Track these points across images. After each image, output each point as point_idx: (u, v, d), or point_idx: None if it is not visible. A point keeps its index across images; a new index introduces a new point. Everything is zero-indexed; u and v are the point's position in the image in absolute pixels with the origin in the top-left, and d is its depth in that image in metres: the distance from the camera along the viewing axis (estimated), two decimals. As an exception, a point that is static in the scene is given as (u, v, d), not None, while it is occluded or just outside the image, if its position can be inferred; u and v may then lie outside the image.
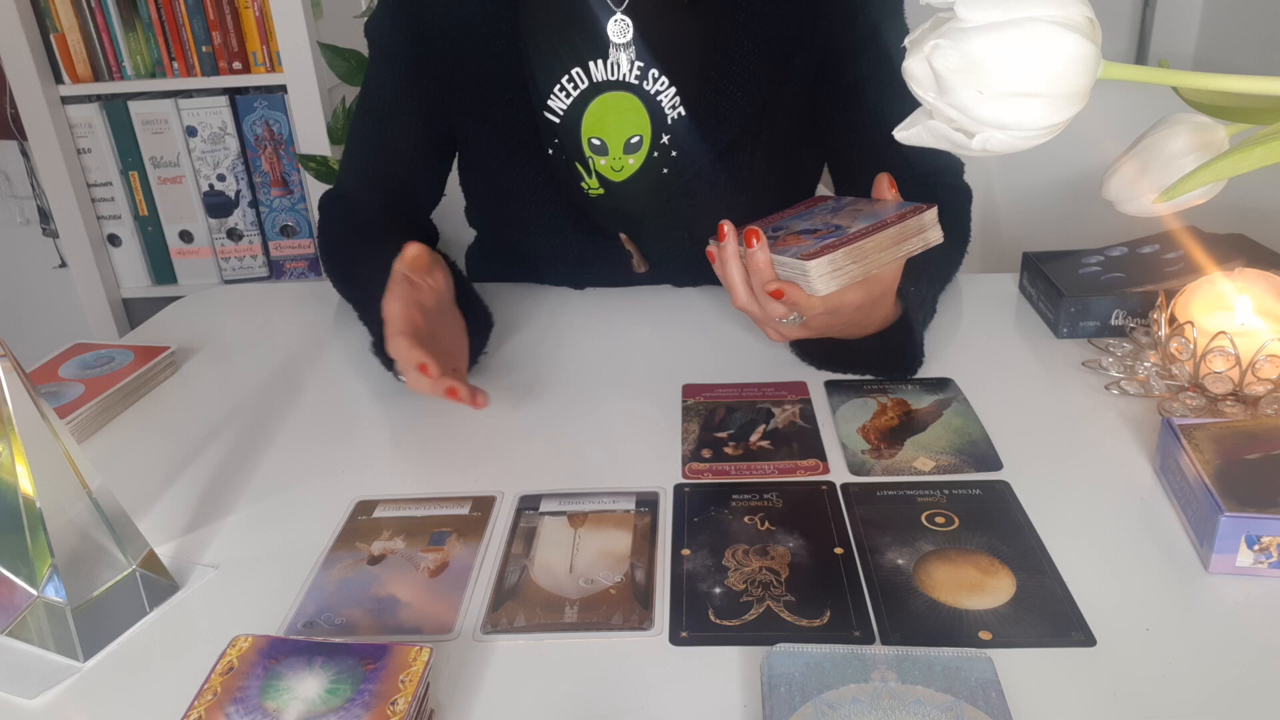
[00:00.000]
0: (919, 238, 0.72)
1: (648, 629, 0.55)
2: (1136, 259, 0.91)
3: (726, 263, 0.73)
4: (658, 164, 0.94)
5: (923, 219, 0.71)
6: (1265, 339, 0.70)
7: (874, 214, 0.73)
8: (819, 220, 0.76)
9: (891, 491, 0.66)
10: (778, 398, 0.78)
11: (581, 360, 0.87)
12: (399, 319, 0.72)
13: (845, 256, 0.69)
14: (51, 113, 1.76)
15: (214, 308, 1.07)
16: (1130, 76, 0.47)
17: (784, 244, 0.72)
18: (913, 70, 0.45)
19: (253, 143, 1.84)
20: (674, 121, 0.93)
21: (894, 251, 0.71)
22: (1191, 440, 0.61)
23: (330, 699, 0.46)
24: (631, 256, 1.01)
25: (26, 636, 0.56)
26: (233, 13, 1.73)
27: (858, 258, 0.69)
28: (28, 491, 0.53)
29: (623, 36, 0.91)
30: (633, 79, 0.92)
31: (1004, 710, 0.46)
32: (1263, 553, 0.55)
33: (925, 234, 0.72)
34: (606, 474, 0.70)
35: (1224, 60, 1.92)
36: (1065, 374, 0.81)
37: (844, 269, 0.69)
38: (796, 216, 0.78)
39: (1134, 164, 0.57)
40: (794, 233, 0.74)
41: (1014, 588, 0.56)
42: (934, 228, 0.72)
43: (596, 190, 0.96)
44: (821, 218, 0.76)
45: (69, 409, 0.78)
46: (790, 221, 0.77)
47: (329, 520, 0.66)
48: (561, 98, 0.93)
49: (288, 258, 1.94)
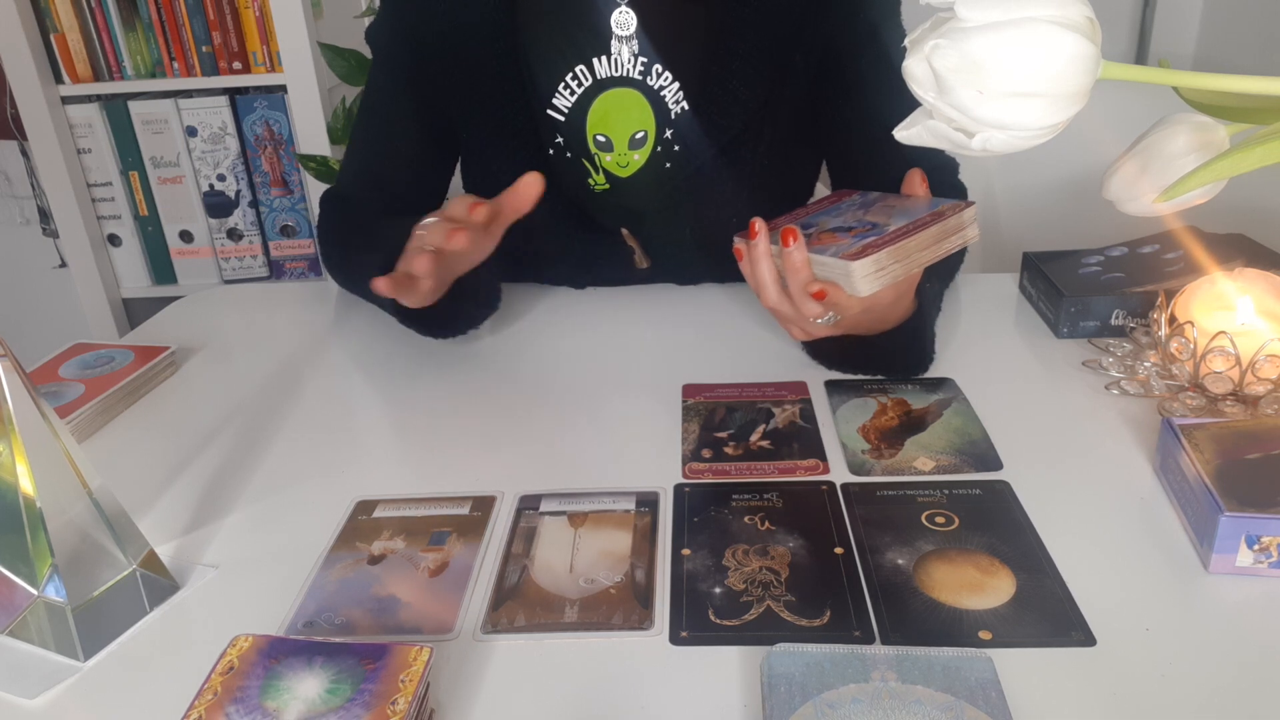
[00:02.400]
0: (958, 235, 0.71)
1: (648, 629, 0.55)
2: (1136, 259, 0.91)
3: (758, 261, 0.72)
4: (661, 159, 0.95)
5: (963, 216, 0.70)
6: (1265, 339, 0.70)
7: (908, 211, 0.72)
8: (851, 217, 0.74)
9: (891, 491, 0.66)
10: (778, 398, 0.78)
11: (582, 360, 0.87)
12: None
13: (889, 256, 0.68)
14: (51, 113, 1.77)
15: (214, 308, 1.07)
16: (1130, 76, 0.47)
17: (819, 242, 0.71)
18: (913, 70, 0.45)
19: (253, 143, 1.84)
20: (677, 116, 0.93)
21: (934, 250, 0.70)
22: (1191, 440, 0.61)
23: (330, 699, 0.46)
24: (634, 253, 1.01)
25: (27, 636, 0.56)
26: (233, 13, 1.73)
27: (901, 257, 0.68)
28: (28, 491, 0.53)
29: (626, 29, 0.91)
30: (636, 74, 0.92)
31: (1004, 710, 0.46)
32: (1263, 553, 0.55)
33: (964, 231, 0.71)
34: (606, 474, 0.70)
35: (1224, 60, 1.92)
36: (1065, 374, 0.81)
37: (887, 269, 0.68)
38: (824, 213, 0.77)
39: (1134, 164, 0.58)
40: (827, 230, 0.73)
41: (1014, 588, 0.56)
42: (973, 225, 0.71)
43: (603, 186, 0.96)
44: (853, 214, 0.75)
45: (69, 409, 0.78)
46: (819, 218, 0.76)
47: (329, 520, 0.66)
48: (566, 95, 0.93)
49: (288, 258, 1.94)
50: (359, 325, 0.97)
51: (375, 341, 0.93)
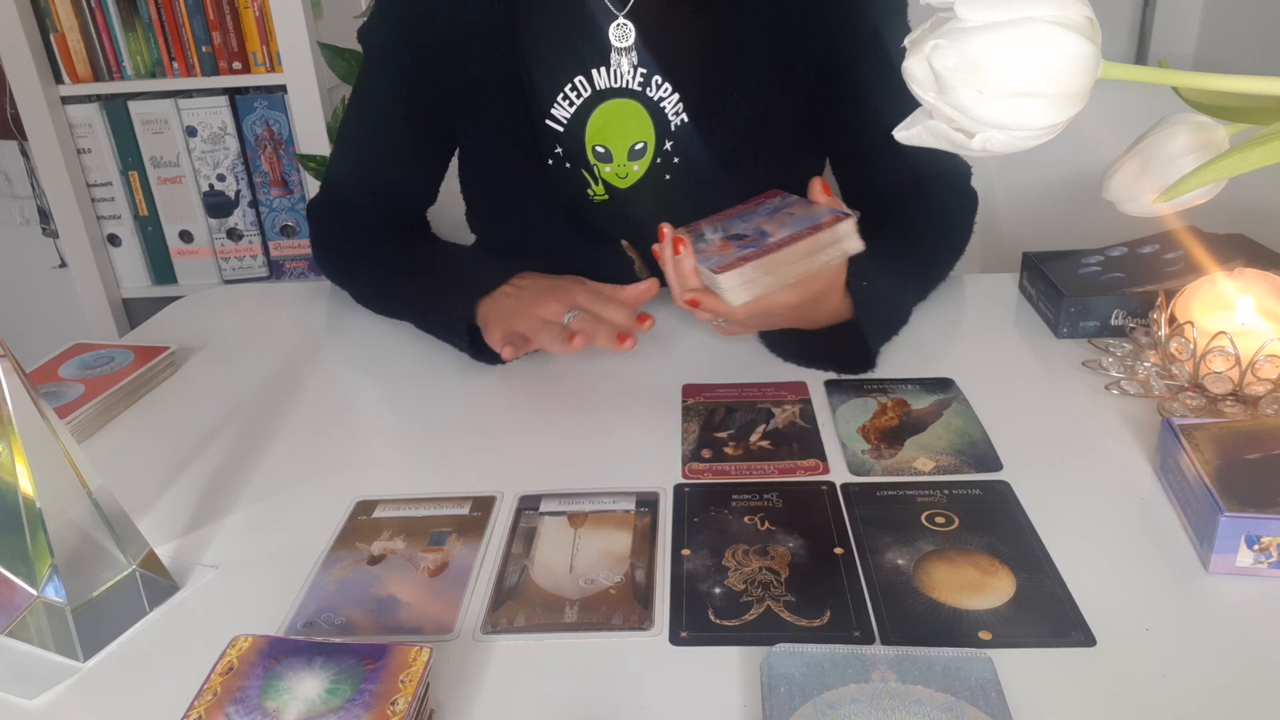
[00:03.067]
0: (835, 248, 0.72)
1: (648, 629, 0.55)
2: (1136, 259, 0.91)
3: (664, 265, 0.75)
4: (661, 170, 0.94)
5: (838, 230, 0.72)
6: (1265, 339, 0.70)
7: (800, 219, 0.74)
8: (754, 225, 0.76)
9: (891, 491, 0.66)
10: (778, 398, 0.78)
11: (582, 360, 0.87)
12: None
13: (756, 269, 0.70)
14: (51, 113, 1.76)
15: (214, 308, 1.07)
16: (1130, 76, 0.47)
17: (715, 250, 0.73)
18: (913, 70, 0.45)
19: (253, 143, 1.84)
20: (677, 128, 0.93)
21: (808, 263, 0.71)
22: (1191, 440, 0.61)
23: (330, 699, 0.46)
24: (634, 263, 1.01)
25: (26, 636, 0.56)
26: (233, 13, 1.73)
27: (770, 270, 0.70)
28: (28, 491, 0.53)
29: (624, 41, 0.91)
30: (636, 85, 0.92)
31: (1004, 710, 0.46)
32: (1263, 553, 0.55)
33: (842, 244, 0.72)
34: (606, 474, 0.70)
35: (1224, 60, 1.92)
36: (1065, 374, 0.81)
37: (756, 281, 0.70)
38: (739, 216, 0.79)
39: (1134, 164, 0.58)
40: (728, 236, 0.75)
41: (1014, 588, 0.56)
42: (850, 238, 0.72)
43: (602, 196, 0.96)
44: (757, 221, 0.77)
45: (69, 409, 0.78)
46: (733, 222, 0.78)
47: (329, 520, 0.66)
48: (565, 106, 0.93)
49: (288, 258, 1.94)
50: (359, 325, 0.97)
51: (375, 341, 0.93)
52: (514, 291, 0.84)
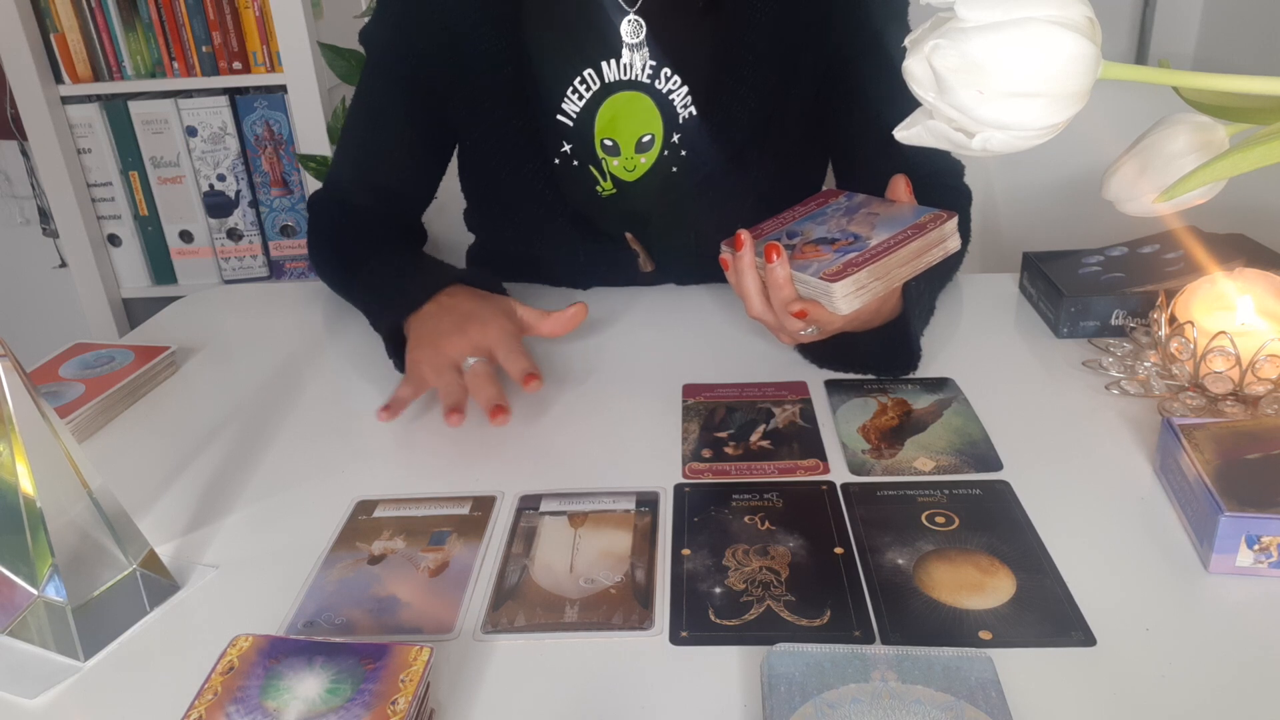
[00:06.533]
0: (939, 248, 0.71)
1: (648, 629, 0.55)
2: (1136, 259, 0.91)
3: (743, 274, 0.73)
4: (668, 163, 0.95)
5: (944, 229, 0.71)
6: (1265, 339, 0.70)
7: (892, 220, 0.72)
8: (835, 226, 0.75)
9: (891, 491, 0.66)
10: (778, 398, 0.78)
11: (582, 360, 0.87)
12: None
13: (869, 275, 0.68)
14: (51, 113, 1.76)
15: (214, 308, 1.07)
16: (1130, 76, 0.47)
17: (803, 256, 0.71)
18: (913, 70, 0.45)
19: (253, 143, 1.84)
20: (685, 121, 0.93)
21: (915, 264, 0.70)
22: (1191, 440, 0.61)
23: (330, 699, 0.46)
24: (638, 256, 1.01)
25: (27, 636, 0.56)
26: (233, 13, 1.73)
27: (881, 275, 0.69)
28: (28, 491, 0.53)
29: (635, 37, 0.91)
30: (645, 78, 0.92)
31: (1004, 710, 0.46)
32: (1263, 553, 0.55)
33: (945, 243, 0.71)
34: (606, 474, 0.70)
35: (1224, 60, 1.92)
36: (1065, 374, 0.81)
37: (867, 287, 0.69)
38: (809, 218, 0.77)
39: (1134, 164, 0.58)
40: (811, 241, 0.73)
41: (1014, 588, 0.56)
42: (954, 236, 0.71)
43: (609, 191, 0.96)
44: (837, 222, 0.75)
45: (69, 409, 0.78)
46: (804, 225, 0.76)
47: (329, 520, 0.66)
48: (574, 100, 0.93)
49: (288, 258, 1.94)
50: (359, 325, 0.96)
51: (375, 341, 0.93)
52: (436, 312, 0.81)
